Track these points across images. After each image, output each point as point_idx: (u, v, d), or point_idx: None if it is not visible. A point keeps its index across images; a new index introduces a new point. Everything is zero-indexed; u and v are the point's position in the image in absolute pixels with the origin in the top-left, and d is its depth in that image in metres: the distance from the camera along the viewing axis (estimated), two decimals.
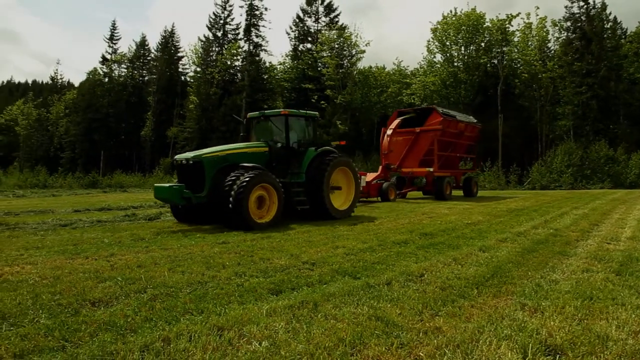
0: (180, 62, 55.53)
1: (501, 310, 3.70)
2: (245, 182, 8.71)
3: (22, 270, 5.13)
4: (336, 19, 47.01)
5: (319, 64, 44.13)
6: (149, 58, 58.13)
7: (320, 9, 47.41)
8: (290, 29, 47.94)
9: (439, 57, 41.67)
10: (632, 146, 32.25)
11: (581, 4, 36.86)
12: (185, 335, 3.11)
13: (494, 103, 38.13)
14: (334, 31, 43.49)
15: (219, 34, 47.05)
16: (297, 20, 47.70)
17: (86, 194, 26.43)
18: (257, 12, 45.82)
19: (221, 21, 47.01)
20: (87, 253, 6.20)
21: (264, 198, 9.34)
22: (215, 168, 9.49)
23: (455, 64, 40.24)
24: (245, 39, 46.29)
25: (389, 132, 19.18)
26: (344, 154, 12.20)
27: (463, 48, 40.02)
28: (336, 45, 42.49)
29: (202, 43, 46.85)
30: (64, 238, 7.71)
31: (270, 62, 48.51)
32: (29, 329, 3.22)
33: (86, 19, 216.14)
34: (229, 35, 47.13)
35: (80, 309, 3.71)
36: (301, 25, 47.65)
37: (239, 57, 46.10)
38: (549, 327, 3.28)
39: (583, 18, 36.86)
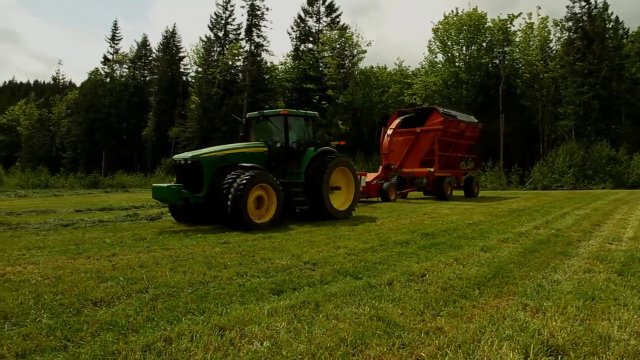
0: (181, 62, 55.71)
1: (503, 311, 3.69)
2: (243, 182, 8.67)
3: (24, 270, 5.14)
4: (337, 19, 47.09)
5: (320, 64, 44.15)
6: (150, 58, 58.29)
7: (322, 9, 47.48)
8: (292, 29, 48.04)
9: (440, 57, 41.74)
10: (634, 146, 32.19)
11: (583, 3, 36.85)
12: (187, 335, 3.11)
13: (495, 103, 38.09)
14: (335, 31, 43.49)
15: (220, 34, 47.13)
16: (299, 21, 47.77)
17: (88, 194, 26.47)
18: (259, 12, 45.94)
19: (222, 21, 47.10)
20: (89, 253, 6.21)
21: (262, 198, 9.30)
22: (214, 168, 9.46)
23: (457, 64, 40.21)
24: (246, 39, 46.38)
25: (390, 132, 19.15)
26: (344, 154, 12.17)
27: (464, 48, 40.00)
28: (337, 46, 42.50)
29: (204, 43, 46.97)
30: (66, 238, 7.72)
31: (271, 62, 48.70)
32: (31, 329, 3.23)
33: (87, 19, 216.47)
34: (230, 36, 47.23)
35: (82, 309, 3.71)
36: (302, 25, 47.70)
37: (240, 57, 46.20)
38: (550, 328, 3.27)
39: (585, 18, 36.80)
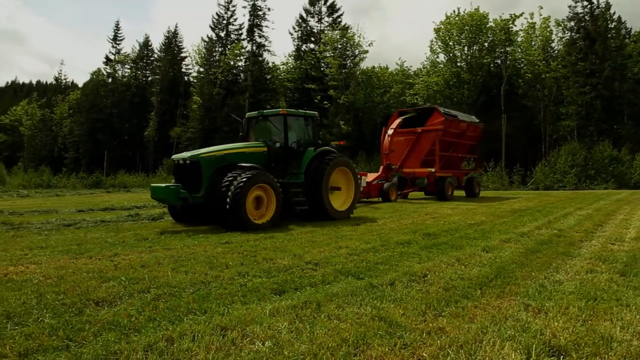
0: (183, 63, 55.74)
1: (505, 311, 3.69)
2: (242, 182, 8.63)
3: (27, 269, 5.15)
4: (339, 19, 47.04)
5: (322, 64, 44.14)
6: (152, 58, 58.34)
7: (323, 9, 47.44)
8: (293, 29, 48.03)
9: (442, 57, 41.68)
10: (637, 146, 32.10)
11: (585, 3, 36.77)
12: (189, 335, 3.11)
13: (497, 103, 38.03)
14: (337, 31, 43.49)
15: (222, 35, 47.14)
16: (300, 21, 47.77)
17: (90, 194, 26.51)
18: (260, 13, 45.96)
19: (224, 21, 47.11)
20: (91, 253, 6.22)
21: (261, 198, 9.24)
22: (213, 168, 9.41)
23: (459, 64, 40.17)
24: (248, 39, 46.40)
25: (390, 132, 19.10)
26: (344, 154, 12.14)
27: (466, 48, 39.95)
28: (339, 46, 42.48)
29: (205, 43, 46.98)
30: (68, 238, 7.73)
31: (273, 63, 48.67)
32: (34, 328, 3.23)
33: (89, 20, 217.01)
34: (232, 36, 47.24)
35: (84, 309, 3.72)
36: (304, 25, 47.69)
37: (242, 58, 46.22)
38: (552, 328, 3.27)
39: (587, 18, 36.73)
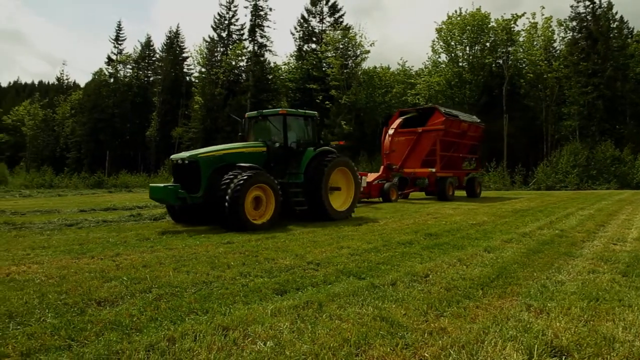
0: (185, 63, 55.80)
1: (506, 311, 3.69)
2: (241, 182, 8.59)
3: (29, 269, 5.16)
4: (341, 19, 46.99)
5: (324, 64, 44.12)
6: (154, 59, 58.40)
7: (325, 9, 47.42)
8: (295, 29, 48.03)
9: (443, 57, 41.64)
10: (639, 146, 32.01)
11: (587, 3, 36.67)
12: (190, 335, 3.12)
13: (499, 103, 37.97)
14: (338, 31, 43.47)
15: (223, 35, 47.16)
16: (302, 21, 47.75)
17: (92, 194, 26.56)
18: (262, 13, 45.94)
19: (226, 22, 47.12)
20: (93, 253, 6.23)
21: (260, 199, 9.20)
22: (212, 168, 9.36)
23: (460, 64, 40.13)
24: (249, 39, 46.42)
25: (391, 132, 19.05)
26: (345, 154, 12.10)
27: (468, 48, 39.90)
28: (341, 46, 42.46)
29: (207, 43, 47.01)
30: (70, 238, 7.75)
31: (274, 63, 48.66)
32: (36, 328, 3.24)
33: (91, 20, 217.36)
34: (233, 36, 47.26)
35: (86, 309, 3.73)
36: (306, 25, 47.68)
37: (243, 58, 46.22)
38: (554, 328, 3.26)
39: (589, 18, 36.64)
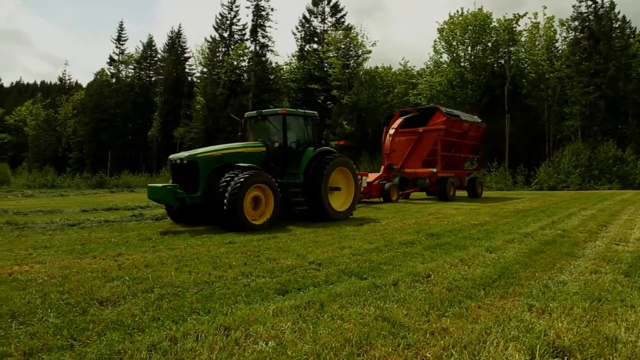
0: (187, 63, 55.80)
1: (508, 312, 3.68)
2: (240, 182, 8.56)
3: (31, 269, 5.17)
4: (342, 19, 46.95)
5: (325, 64, 44.10)
6: (155, 59, 58.43)
7: (327, 9, 47.39)
8: (297, 29, 47.99)
9: (445, 57, 41.60)
10: None
11: (589, 3, 36.56)
12: (192, 334, 3.12)
13: (501, 103, 37.93)
14: (340, 31, 43.44)
15: (225, 35, 47.18)
16: (304, 21, 47.74)
17: (94, 194, 26.59)
18: (264, 13, 45.94)
19: (227, 22, 47.15)
20: (95, 253, 6.24)
21: (259, 199, 9.16)
22: (210, 168, 9.31)
23: (462, 64, 40.08)
24: (251, 39, 46.43)
25: (392, 132, 19.00)
26: (347, 154, 12.08)
27: (470, 48, 39.86)
28: (342, 46, 42.45)
29: (209, 44, 47.06)
30: (72, 238, 7.76)
31: (276, 63, 48.62)
32: (38, 328, 3.25)
33: (93, 20, 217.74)
34: (235, 36, 47.27)
35: (88, 308, 3.74)
36: (307, 25, 47.66)
37: (245, 58, 46.25)
38: (556, 329, 3.25)
39: (591, 17, 36.54)
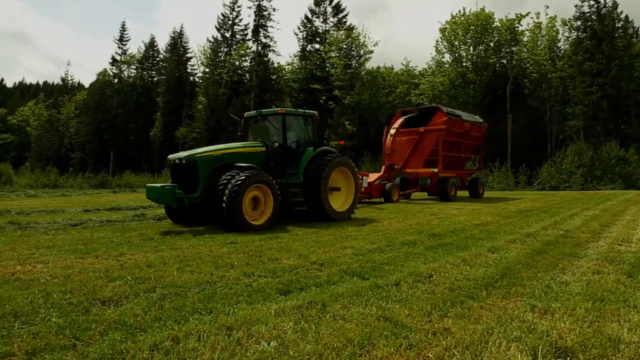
0: (188, 63, 55.92)
1: (511, 312, 3.67)
2: (239, 182, 8.52)
3: (34, 269, 5.19)
4: (344, 19, 47.02)
5: (327, 64, 44.12)
6: (158, 59, 58.59)
7: (329, 9, 47.45)
8: (299, 29, 48.08)
9: (447, 57, 41.55)
10: None
11: (592, 2, 36.46)
12: (194, 334, 3.12)
13: (503, 103, 37.87)
14: (342, 31, 43.45)
15: (227, 35, 47.29)
16: (305, 21, 47.78)
17: (96, 193, 26.67)
18: (266, 13, 46.05)
19: (229, 22, 47.26)
20: (97, 252, 6.25)
21: (259, 199, 9.12)
22: (210, 168, 9.27)
23: (464, 64, 40.04)
24: (253, 39, 46.54)
25: (392, 132, 18.95)
26: (349, 154, 12.06)
27: (472, 48, 39.82)
28: (344, 46, 42.47)
29: (211, 44, 47.17)
30: (75, 237, 7.78)
31: (278, 63, 48.74)
32: (41, 327, 3.25)
33: (95, 21, 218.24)
34: (237, 36, 47.37)
35: (90, 308, 3.74)
36: (309, 25, 47.71)
37: (247, 58, 46.35)
38: (559, 329, 3.25)
39: (593, 17, 36.45)
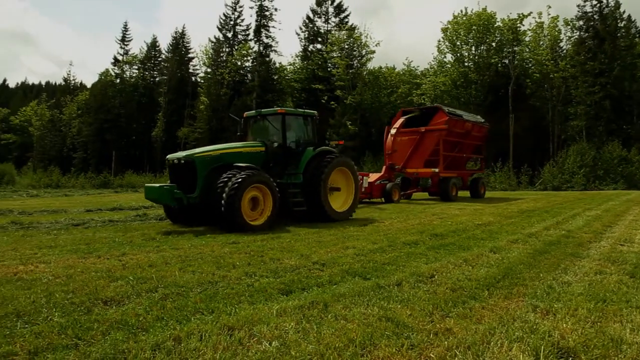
0: (190, 63, 55.91)
1: (512, 312, 3.67)
2: (238, 183, 8.48)
3: (36, 269, 5.20)
4: (346, 20, 46.97)
5: (329, 64, 44.13)
6: (159, 59, 58.60)
7: (330, 9, 47.40)
8: (300, 29, 48.03)
9: (449, 57, 41.48)
10: None
11: (594, 2, 36.34)
12: (196, 334, 3.13)
13: (505, 103, 37.79)
14: (343, 31, 43.44)
15: (229, 35, 47.29)
16: (307, 21, 47.76)
17: (98, 193, 26.72)
18: (267, 13, 46.03)
19: (231, 22, 47.25)
20: (99, 252, 6.27)
21: (258, 199, 9.09)
22: (208, 168, 9.23)
23: (466, 64, 39.97)
24: (255, 39, 46.52)
25: (393, 132, 18.89)
26: (349, 154, 12.05)
27: (474, 48, 39.74)
28: (346, 46, 42.45)
29: (213, 44, 47.15)
30: (77, 237, 7.79)
31: (280, 63, 48.71)
32: (43, 327, 3.26)
33: (98, 21, 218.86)
34: (239, 36, 47.39)
35: (92, 308, 3.75)
36: (311, 25, 47.68)
37: (249, 58, 46.36)
38: (561, 330, 3.24)
39: (596, 17, 36.34)
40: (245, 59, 45.93)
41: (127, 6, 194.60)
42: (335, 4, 47.15)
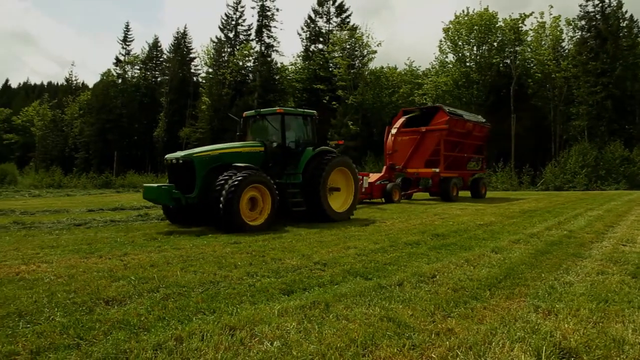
0: (192, 63, 55.96)
1: (514, 312, 3.67)
2: (236, 183, 8.45)
3: (38, 268, 5.21)
4: (347, 20, 46.91)
5: (331, 64, 44.10)
6: (161, 59, 58.63)
7: (332, 9, 47.36)
8: (302, 29, 48.00)
9: (451, 57, 41.41)
10: None
11: (596, 2, 36.27)
12: (198, 334, 3.13)
13: (506, 103, 37.72)
14: (345, 31, 43.41)
15: (230, 35, 47.31)
16: (309, 21, 47.74)
17: (100, 193, 26.77)
18: (269, 13, 46.04)
19: (233, 22, 47.28)
20: (101, 252, 6.27)
21: (256, 199, 9.06)
22: (207, 168, 9.20)
23: (468, 64, 39.91)
24: (256, 39, 46.53)
25: (394, 132, 18.87)
26: (350, 154, 12.06)
27: (475, 48, 39.67)
28: (347, 46, 42.42)
29: (214, 44, 47.17)
30: (79, 237, 7.81)
31: (281, 63, 48.68)
32: (45, 327, 3.27)
33: (100, 21, 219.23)
34: (240, 36, 47.39)
35: (94, 308, 3.76)
36: (312, 25, 47.66)
37: (250, 58, 46.36)
38: (563, 330, 3.24)
39: (598, 17, 36.27)
40: (246, 59, 45.97)
41: (128, 6, 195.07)
42: (336, 4, 47.15)
